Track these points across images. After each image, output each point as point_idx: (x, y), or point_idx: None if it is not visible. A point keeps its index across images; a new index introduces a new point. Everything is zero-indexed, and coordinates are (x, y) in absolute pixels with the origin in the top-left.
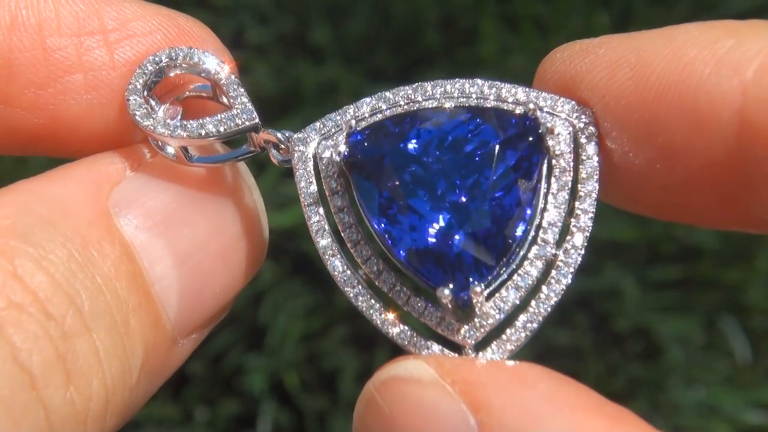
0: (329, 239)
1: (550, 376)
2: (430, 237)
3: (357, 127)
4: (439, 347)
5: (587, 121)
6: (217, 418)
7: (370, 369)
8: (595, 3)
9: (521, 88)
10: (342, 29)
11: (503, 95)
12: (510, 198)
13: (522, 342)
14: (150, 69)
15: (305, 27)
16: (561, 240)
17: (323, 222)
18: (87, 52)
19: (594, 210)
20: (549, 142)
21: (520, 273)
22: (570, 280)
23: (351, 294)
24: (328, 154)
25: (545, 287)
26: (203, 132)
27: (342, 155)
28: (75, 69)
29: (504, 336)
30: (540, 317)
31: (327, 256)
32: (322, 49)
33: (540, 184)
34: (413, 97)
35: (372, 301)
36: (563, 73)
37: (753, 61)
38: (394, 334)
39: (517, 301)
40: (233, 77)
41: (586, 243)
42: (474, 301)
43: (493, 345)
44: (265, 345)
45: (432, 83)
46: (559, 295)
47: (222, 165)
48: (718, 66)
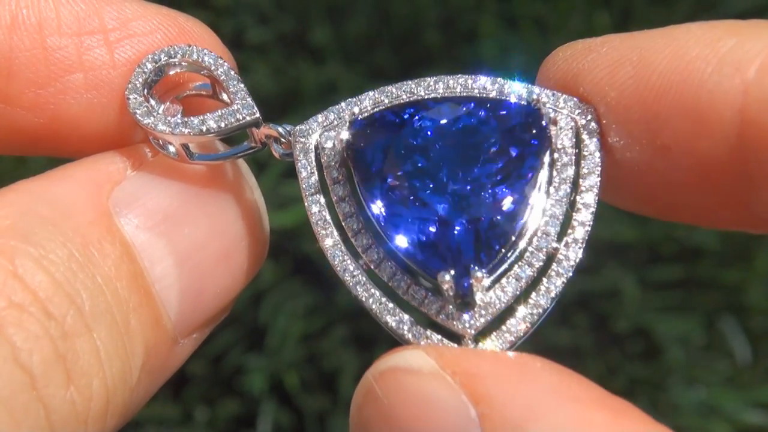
0: (330, 229)
1: (552, 368)
2: (431, 225)
3: (360, 116)
4: (439, 337)
5: (589, 118)
6: (217, 418)
7: None
8: (595, 3)
9: (523, 84)
10: (342, 29)
11: (505, 91)
12: (511, 189)
13: (521, 334)
14: (149, 67)
15: (305, 27)
16: (562, 233)
17: (324, 212)
18: (87, 51)
19: (595, 205)
20: (552, 135)
21: (520, 264)
22: (571, 274)
23: (351, 283)
24: (330, 144)
25: (546, 280)
26: (205, 128)
27: (345, 143)
28: (75, 68)
29: (504, 327)
30: (540, 309)
31: (327, 246)
32: (322, 49)
33: (542, 175)
34: (416, 92)
35: (372, 291)
36: (565, 72)
37: (755, 61)
38: (392, 323)
39: (518, 292)
40: (233, 73)
41: (587, 237)
42: (475, 288)
43: (493, 336)
44: (265, 345)
45: (435, 78)
46: (560, 289)
47: (223, 164)
48: (719, 65)
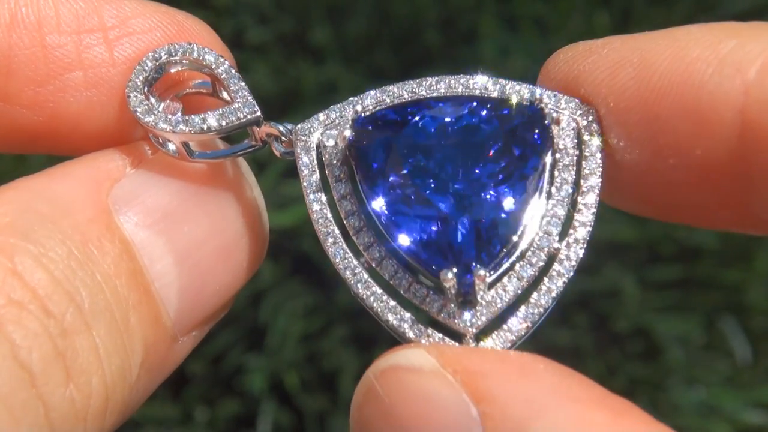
0: (331, 227)
1: (553, 367)
2: (433, 224)
3: (362, 115)
4: (440, 335)
5: (590, 119)
6: (217, 418)
7: None
8: (595, 3)
9: (525, 84)
10: (342, 29)
11: (507, 91)
12: (513, 189)
13: (522, 334)
14: (150, 65)
15: (305, 27)
16: (563, 234)
17: (325, 210)
18: (87, 49)
19: (597, 205)
20: (554, 135)
21: (521, 264)
22: (572, 274)
23: (352, 281)
24: (332, 142)
25: (547, 279)
26: (206, 126)
27: (347, 140)
28: (75, 66)
29: (505, 326)
30: (541, 308)
31: (328, 243)
32: (322, 49)
33: (544, 175)
34: (418, 91)
35: (373, 289)
36: (566, 73)
37: (755, 62)
38: (393, 321)
39: (519, 291)
40: (233, 71)
41: (588, 237)
42: (477, 287)
43: (494, 335)
44: (265, 345)
45: (436, 78)
46: (561, 289)
47: (223, 162)
48: (720, 66)
